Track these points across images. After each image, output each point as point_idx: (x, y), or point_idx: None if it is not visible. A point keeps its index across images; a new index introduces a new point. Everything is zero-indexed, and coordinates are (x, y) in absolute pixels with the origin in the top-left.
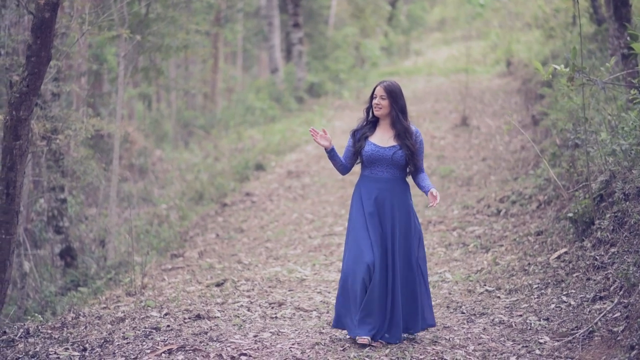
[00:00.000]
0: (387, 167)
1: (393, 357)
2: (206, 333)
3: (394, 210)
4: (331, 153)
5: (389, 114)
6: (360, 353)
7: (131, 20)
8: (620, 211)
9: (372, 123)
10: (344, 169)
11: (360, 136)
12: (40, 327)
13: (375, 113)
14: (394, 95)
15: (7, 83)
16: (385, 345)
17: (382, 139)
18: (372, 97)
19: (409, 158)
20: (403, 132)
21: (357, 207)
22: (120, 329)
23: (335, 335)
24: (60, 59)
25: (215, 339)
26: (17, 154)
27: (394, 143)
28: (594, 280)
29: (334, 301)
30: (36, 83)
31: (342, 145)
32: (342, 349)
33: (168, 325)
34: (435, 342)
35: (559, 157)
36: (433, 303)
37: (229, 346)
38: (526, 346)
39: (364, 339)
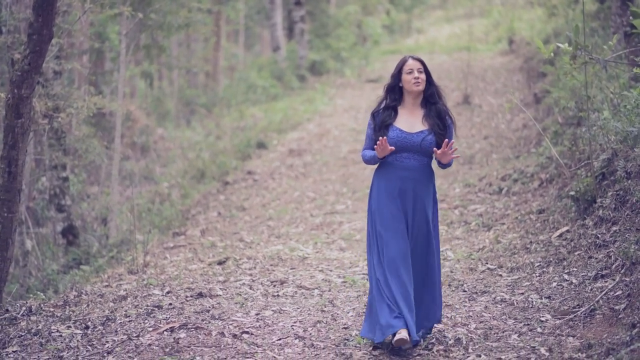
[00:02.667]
0: (415, 155)
1: None
2: (208, 311)
3: (416, 201)
4: (382, 160)
5: (422, 92)
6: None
7: None
8: (622, 189)
9: (391, 107)
10: (376, 160)
11: (380, 124)
12: (42, 305)
13: (415, 89)
14: (427, 71)
15: (9, 61)
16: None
17: (409, 122)
18: (399, 74)
19: (439, 142)
20: (437, 112)
21: (381, 199)
22: (122, 307)
23: (337, 313)
24: (62, 37)
25: (217, 317)
26: (19, 132)
27: (422, 127)
28: (596, 258)
29: (336, 279)
30: (38, 61)
31: (342, 124)
32: (344, 327)
33: (170, 304)
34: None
35: (561, 135)
36: None
37: (231, 324)
38: (528, 324)
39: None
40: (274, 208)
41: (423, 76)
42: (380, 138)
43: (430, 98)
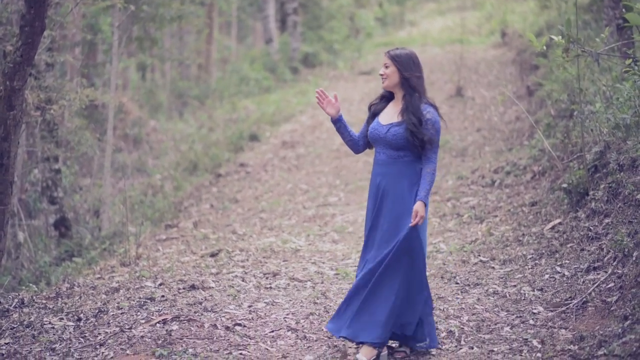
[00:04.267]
0: (384, 148)
1: None
2: (201, 303)
3: (383, 200)
4: (337, 124)
5: (398, 85)
6: None
7: None
8: (614, 182)
9: (386, 98)
10: (354, 145)
11: (371, 113)
12: (34, 297)
13: (382, 85)
14: (401, 63)
15: (1, 53)
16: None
17: (389, 115)
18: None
19: (409, 138)
20: (410, 107)
21: (369, 196)
22: (114, 299)
23: (330, 306)
24: (54, 29)
25: (209, 309)
26: (11, 124)
27: (396, 120)
28: (588, 250)
29: (329, 271)
30: (30, 53)
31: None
32: None
33: (162, 296)
34: None
35: (553, 127)
36: (428, 273)
37: (224, 316)
38: (520, 316)
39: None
40: (267, 200)
41: (389, 71)
42: (334, 94)
43: (406, 92)
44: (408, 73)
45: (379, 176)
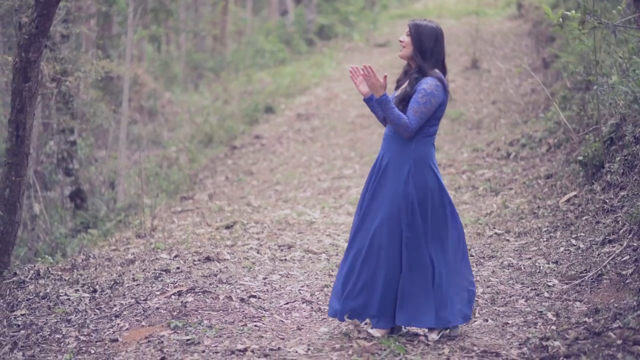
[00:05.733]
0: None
1: None
2: (216, 275)
3: (380, 175)
4: (369, 103)
5: (412, 58)
6: None
7: None
8: (630, 154)
9: (406, 72)
10: (384, 123)
11: (396, 88)
12: (50, 268)
13: (399, 53)
14: (418, 34)
15: (16, 25)
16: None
17: (402, 87)
18: None
19: (397, 101)
20: (410, 79)
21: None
22: (130, 271)
23: None
24: (70, 0)
25: (224, 281)
26: (27, 96)
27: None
28: (603, 223)
29: (343, 244)
30: (45, 25)
31: (350, 88)
32: None
33: (178, 267)
34: None
35: (569, 100)
36: None
37: (239, 288)
38: (535, 289)
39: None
40: (282, 172)
41: (407, 40)
42: (367, 66)
43: (417, 64)
44: (422, 47)
45: (382, 149)
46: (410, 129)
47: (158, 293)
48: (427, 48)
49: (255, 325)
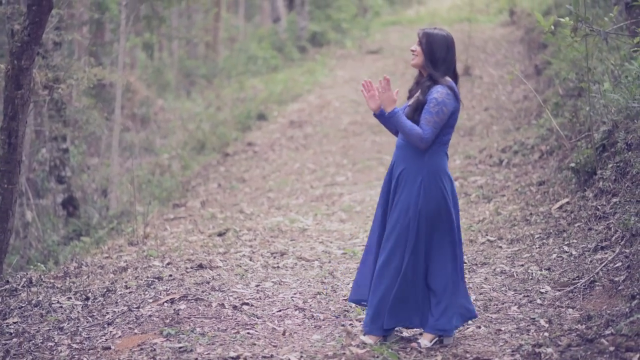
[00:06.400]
0: None
1: None
2: (208, 282)
3: (398, 185)
4: (380, 119)
5: (423, 67)
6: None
7: None
8: (622, 161)
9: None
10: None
11: (409, 97)
12: (42, 276)
13: (411, 62)
14: (429, 43)
15: (9, 32)
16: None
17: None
18: None
19: (410, 111)
20: (421, 88)
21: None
22: (122, 279)
23: (337, 285)
24: (62, 8)
25: (217, 288)
26: (19, 103)
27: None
28: (596, 230)
29: (336, 251)
30: (37, 32)
31: (342, 95)
32: (343, 298)
33: (170, 275)
34: None
35: (561, 107)
36: None
37: (231, 295)
38: (527, 296)
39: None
40: (274, 180)
41: (418, 49)
42: (385, 78)
43: (429, 72)
44: (433, 55)
45: (397, 159)
46: (425, 139)
47: (150, 301)
48: (439, 57)
49: (248, 333)
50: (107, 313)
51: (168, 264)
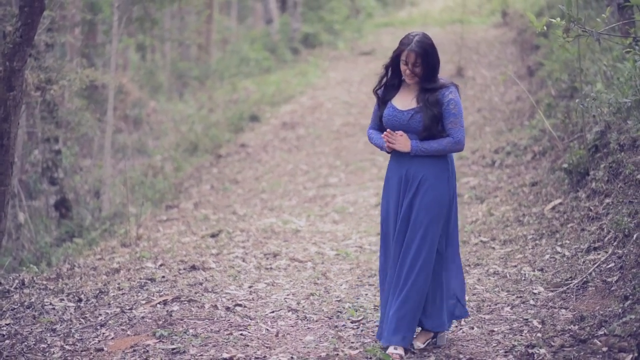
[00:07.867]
0: (409, 135)
1: None
2: (201, 284)
3: (407, 190)
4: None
5: (421, 80)
6: (355, 303)
7: None
8: (615, 162)
9: (395, 84)
10: (383, 142)
11: (382, 100)
12: (35, 278)
13: (408, 81)
14: (427, 56)
15: (1, 34)
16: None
17: (405, 100)
18: (396, 57)
19: (429, 122)
20: (428, 91)
21: (383, 191)
22: (115, 280)
23: (330, 286)
24: (54, 9)
25: (210, 289)
26: (11, 104)
27: (414, 105)
28: (589, 230)
29: (329, 252)
30: (30, 33)
31: (335, 97)
32: (337, 299)
33: (163, 276)
34: None
35: (554, 107)
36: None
37: (224, 297)
38: (520, 296)
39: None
40: (267, 181)
41: (418, 70)
42: (388, 131)
43: (425, 80)
44: (432, 62)
45: (403, 165)
46: (461, 142)
47: (143, 302)
48: (437, 62)
49: (241, 334)
50: (100, 315)
51: (161, 265)
